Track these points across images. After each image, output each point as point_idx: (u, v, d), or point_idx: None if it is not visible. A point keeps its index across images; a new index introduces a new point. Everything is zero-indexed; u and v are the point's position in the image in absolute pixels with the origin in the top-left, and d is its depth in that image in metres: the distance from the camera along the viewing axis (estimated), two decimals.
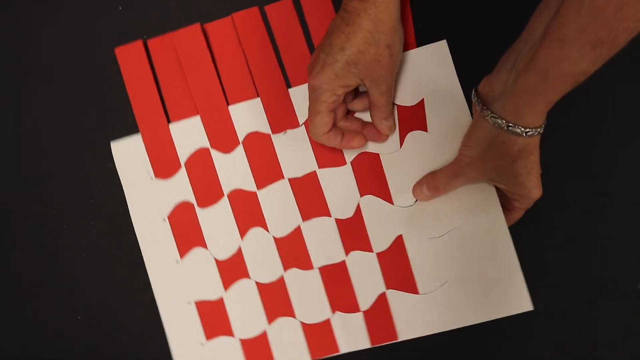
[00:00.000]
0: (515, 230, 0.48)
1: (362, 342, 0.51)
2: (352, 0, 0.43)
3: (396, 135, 0.50)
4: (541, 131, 0.41)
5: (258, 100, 0.51)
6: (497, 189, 0.48)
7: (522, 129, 0.40)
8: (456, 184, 0.48)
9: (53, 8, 0.54)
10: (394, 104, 0.50)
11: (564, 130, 0.49)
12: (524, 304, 0.48)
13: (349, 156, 0.51)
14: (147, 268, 0.53)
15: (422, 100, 0.50)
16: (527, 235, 0.50)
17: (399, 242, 0.50)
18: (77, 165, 0.54)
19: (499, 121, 0.41)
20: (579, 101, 0.48)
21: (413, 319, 0.50)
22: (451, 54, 0.50)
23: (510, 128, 0.40)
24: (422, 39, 0.50)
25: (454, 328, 0.49)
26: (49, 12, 0.54)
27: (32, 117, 0.54)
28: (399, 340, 0.50)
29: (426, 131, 0.49)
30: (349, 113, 0.50)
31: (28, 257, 0.55)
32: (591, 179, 0.50)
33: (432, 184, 0.48)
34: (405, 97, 0.50)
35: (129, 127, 0.53)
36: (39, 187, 0.54)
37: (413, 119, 0.50)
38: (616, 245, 0.50)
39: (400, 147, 0.50)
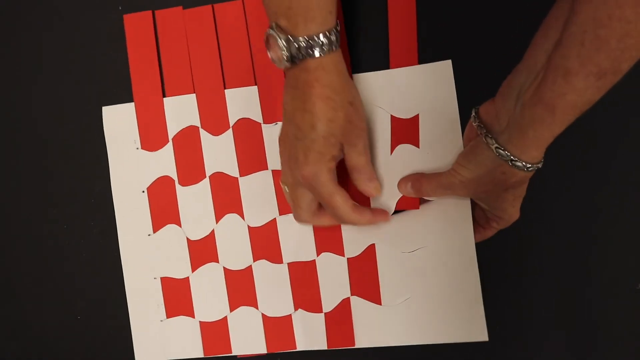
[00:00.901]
0: (515, 230, 0.48)
1: (319, 343, 0.51)
2: (299, 72, 0.41)
3: (388, 143, 0.50)
4: (540, 166, 0.41)
5: (255, 88, 0.51)
6: (473, 207, 0.49)
7: (524, 164, 0.40)
8: (441, 195, 0.47)
9: (52, 8, 0.54)
10: (390, 115, 0.50)
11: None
12: (480, 334, 0.48)
13: None
14: (119, 238, 0.53)
15: (417, 115, 0.49)
16: (527, 235, 0.50)
17: (370, 251, 0.50)
18: (77, 165, 0.54)
19: (504, 154, 0.40)
20: None
21: (372, 328, 0.50)
22: (454, 74, 0.49)
23: (514, 162, 0.40)
24: (428, 56, 0.50)
25: (410, 344, 0.50)
26: (49, 13, 0.54)
27: (31, 117, 0.54)
28: (356, 347, 0.50)
29: (418, 147, 0.49)
30: None
31: (28, 257, 0.55)
32: (591, 178, 0.50)
33: (417, 185, 0.48)
34: (401, 109, 0.50)
35: None
36: (39, 187, 0.54)
37: (405, 132, 0.50)
38: (616, 245, 0.50)
39: (391, 154, 0.50)
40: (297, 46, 0.39)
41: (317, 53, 0.40)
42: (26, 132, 0.55)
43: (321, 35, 0.39)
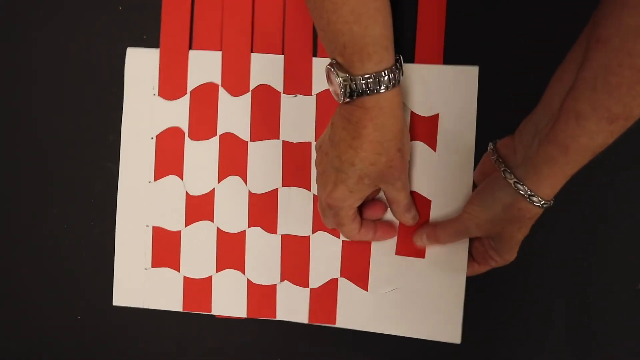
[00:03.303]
0: None
1: (300, 316, 0.51)
2: (355, 109, 0.40)
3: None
4: (552, 204, 0.41)
5: (281, 57, 0.52)
6: (471, 242, 0.49)
7: (539, 199, 0.40)
8: (458, 239, 0.48)
9: (52, 8, 0.54)
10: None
11: None
12: (454, 336, 0.49)
13: None
14: (119, 182, 0.53)
15: (437, 115, 0.50)
16: (527, 235, 0.50)
17: None
18: (77, 165, 0.54)
19: (523, 188, 0.41)
20: None
21: (355, 312, 0.50)
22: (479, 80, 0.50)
23: (531, 198, 0.40)
24: (456, 56, 0.50)
25: (388, 333, 0.50)
26: (48, 13, 0.54)
27: (31, 117, 0.54)
28: (336, 326, 0.51)
29: (434, 150, 0.50)
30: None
31: (28, 257, 0.54)
32: (591, 178, 0.50)
33: (433, 236, 0.48)
34: (421, 106, 0.50)
35: None
36: (39, 187, 0.54)
37: (423, 130, 0.50)
38: (616, 245, 0.51)
39: None
40: (355, 84, 0.38)
41: (375, 92, 0.39)
42: (26, 133, 0.54)
43: (379, 74, 0.38)
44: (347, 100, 0.39)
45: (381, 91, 0.39)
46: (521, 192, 0.41)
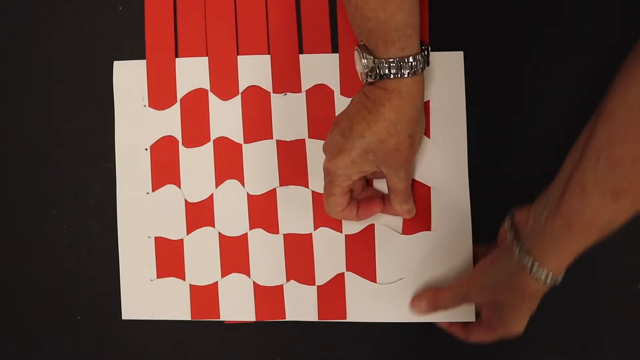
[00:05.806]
0: None
1: (309, 314, 0.51)
2: (376, 88, 0.42)
3: None
4: (557, 283, 0.40)
5: (267, 57, 0.51)
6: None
7: (542, 274, 0.39)
8: (458, 304, 0.47)
9: (52, 8, 0.54)
10: None
11: (565, 127, 0.49)
12: (467, 315, 0.49)
13: None
14: (117, 195, 0.53)
15: (428, 102, 0.50)
16: None
17: (369, 230, 0.50)
18: (77, 165, 0.54)
19: (526, 260, 0.39)
20: (580, 99, 0.49)
21: (364, 304, 0.50)
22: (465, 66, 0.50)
23: (532, 272, 0.39)
24: (441, 44, 0.50)
25: (400, 321, 0.50)
26: (48, 13, 0.54)
27: (31, 117, 0.54)
28: (347, 320, 0.50)
29: (429, 137, 0.50)
30: (368, 182, 0.50)
31: (28, 257, 0.54)
32: None
33: (432, 302, 0.47)
34: None
35: None
36: (39, 187, 0.54)
37: None
38: (616, 245, 0.50)
39: None
40: (378, 67, 0.41)
41: (397, 76, 0.41)
42: (26, 133, 0.54)
43: (402, 60, 0.41)
44: (370, 81, 0.42)
45: (404, 76, 0.41)
46: (524, 263, 0.39)
